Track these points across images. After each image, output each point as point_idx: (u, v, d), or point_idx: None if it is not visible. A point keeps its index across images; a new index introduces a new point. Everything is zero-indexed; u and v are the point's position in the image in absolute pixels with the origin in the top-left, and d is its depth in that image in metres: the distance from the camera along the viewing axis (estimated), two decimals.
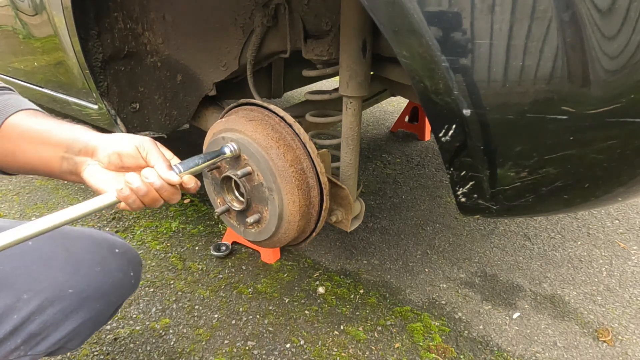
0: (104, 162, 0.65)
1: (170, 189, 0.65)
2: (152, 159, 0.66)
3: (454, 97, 0.59)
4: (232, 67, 1.26)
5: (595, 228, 1.71)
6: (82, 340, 0.77)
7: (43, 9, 1.14)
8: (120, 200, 0.63)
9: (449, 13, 0.55)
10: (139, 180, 0.62)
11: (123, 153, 0.65)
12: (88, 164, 0.66)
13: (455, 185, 0.71)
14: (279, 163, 0.92)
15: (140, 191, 0.62)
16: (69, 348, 0.75)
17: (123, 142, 0.66)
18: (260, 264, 1.51)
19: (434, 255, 1.57)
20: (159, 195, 0.64)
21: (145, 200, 0.64)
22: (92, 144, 0.65)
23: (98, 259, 0.76)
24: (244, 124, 0.97)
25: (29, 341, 0.68)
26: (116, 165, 0.65)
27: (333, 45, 1.02)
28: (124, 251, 0.81)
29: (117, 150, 0.65)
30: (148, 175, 0.63)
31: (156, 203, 0.65)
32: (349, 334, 1.24)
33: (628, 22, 0.50)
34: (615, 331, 1.25)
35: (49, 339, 0.70)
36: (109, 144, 0.65)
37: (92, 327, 0.78)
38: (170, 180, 0.64)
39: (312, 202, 0.97)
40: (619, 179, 0.65)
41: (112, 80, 1.21)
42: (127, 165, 0.66)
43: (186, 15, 1.21)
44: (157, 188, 0.63)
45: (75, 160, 0.66)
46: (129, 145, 0.65)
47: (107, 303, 0.78)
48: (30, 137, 0.66)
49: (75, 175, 0.67)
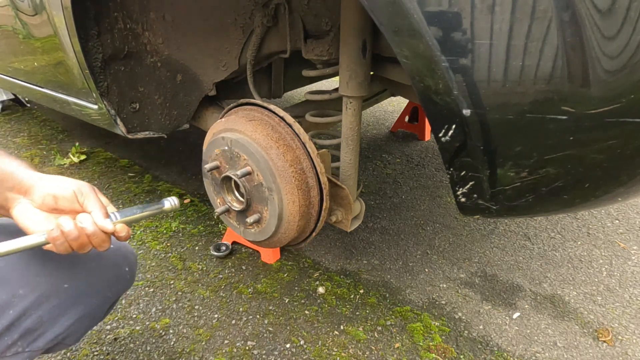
0: (37, 202, 0.64)
1: (102, 236, 0.64)
2: (89, 205, 0.65)
3: (454, 97, 0.59)
4: (232, 67, 1.26)
5: (595, 228, 1.71)
6: (80, 336, 0.77)
7: (43, 9, 1.14)
8: (49, 242, 0.61)
9: (449, 13, 0.55)
10: (72, 225, 0.61)
11: (59, 196, 0.64)
12: (19, 202, 0.64)
13: (455, 185, 0.71)
14: (279, 163, 0.92)
15: (71, 235, 0.61)
16: (67, 344, 0.75)
17: (61, 184, 0.65)
18: (260, 264, 1.51)
19: (434, 255, 1.57)
20: (88, 240, 0.63)
21: (73, 245, 0.63)
22: (27, 181, 0.64)
23: (93, 254, 0.76)
24: (243, 124, 0.97)
25: (26, 337, 0.69)
26: (49, 206, 0.64)
27: (333, 45, 1.02)
28: (118, 246, 0.82)
29: (53, 192, 0.64)
30: (82, 220, 0.62)
31: (84, 248, 0.64)
32: (349, 334, 1.24)
33: (628, 22, 0.50)
34: (615, 331, 1.25)
35: (46, 334, 0.71)
36: (45, 185, 0.64)
37: (89, 323, 0.78)
38: (105, 228, 0.63)
39: (312, 202, 0.97)
40: (619, 179, 0.65)
41: (112, 80, 1.21)
42: (62, 208, 0.65)
43: (186, 15, 1.21)
44: (89, 234, 0.63)
45: (6, 195, 0.64)
46: (67, 189, 0.65)
47: (103, 298, 0.78)
48: None
49: (4, 210, 0.65)
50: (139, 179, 2.11)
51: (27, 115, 3.02)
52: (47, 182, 0.65)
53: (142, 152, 2.42)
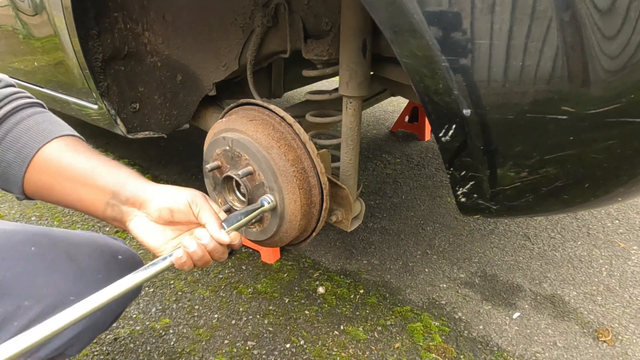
0: (153, 216, 0.64)
1: (221, 249, 0.65)
2: (204, 217, 0.65)
3: (454, 97, 0.59)
4: (232, 67, 1.26)
5: (595, 228, 1.71)
6: (82, 347, 0.76)
7: (43, 9, 1.14)
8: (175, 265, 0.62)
9: (449, 13, 0.55)
10: (195, 245, 0.62)
11: (175, 209, 0.64)
12: (135, 214, 0.64)
13: (455, 185, 0.71)
14: (280, 163, 0.92)
15: (195, 255, 0.62)
16: (68, 355, 0.75)
17: (175, 197, 0.65)
18: (260, 264, 1.51)
19: (434, 255, 1.57)
20: (210, 257, 0.64)
21: (198, 264, 0.64)
22: (141, 195, 0.64)
23: (100, 265, 0.75)
24: (244, 124, 0.97)
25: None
26: (166, 220, 0.64)
27: (333, 45, 1.02)
28: (126, 257, 0.80)
29: (169, 206, 0.64)
30: (202, 237, 0.63)
31: (207, 264, 0.65)
32: (349, 334, 1.24)
33: (628, 22, 0.50)
34: (615, 331, 1.25)
35: (49, 346, 0.70)
36: (160, 198, 0.64)
37: (93, 334, 0.77)
38: (222, 241, 0.64)
39: (314, 201, 0.97)
40: (619, 179, 0.65)
41: (112, 80, 1.21)
42: (177, 220, 0.65)
43: (186, 15, 1.21)
44: (210, 250, 0.63)
45: (121, 209, 0.64)
46: (182, 202, 0.65)
47: (108, 310, 0.77)
48: (72, 175, 0.63)
49: (120, 223, 0.65)
50: None
51: None
52: (162, 194, 0.65)
53: (142, 152, 2.41)
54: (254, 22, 1.13)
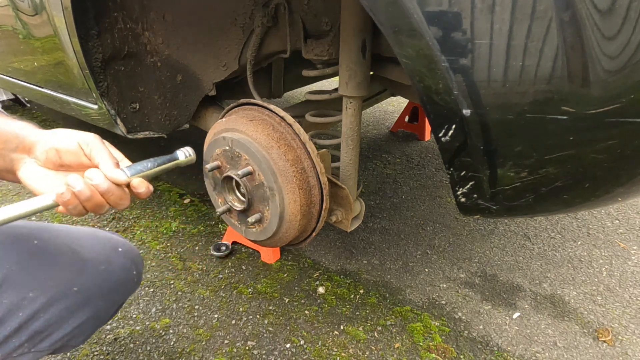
0: (40, 159, 0.59)
1: (118, 192, 0.57)
2: (97, 157, 0.58)
3: (454, 97, 0.59)
4: (232, 67, 1.26)
5: (595, 228, 1.71)
6: (85, 337, 0.78)
7: (43, 9, 1.14)
8: (59, 204, 0.56)
9: (449, 13, 0.55)
10: (82, 183, 0.55)
11: (62, 149, 0.58)
12: (25, 162, 0.59)
13: (455, 185, 0.71)
14: (280, 163, 0.92)
15: (82, 195, 0.55)
16: (71, 345, 0.76)
17: (64, 137, 0.59)
18: (260, 264, 1.51)
19: (434, 255, 1.57)
20: (104, 199, 0.57)
21: (88, 206, 0.57)
22: (30, 139, 0.59)
23: (102, 257, 0.77)
24: (244, 124, 0.97)
25: (34, 338, 0.69)
26: (54, 162, 0.58)
27: (333, 45, 1.02)
28: (126, 250, 0.82)
29: (55, 145, 0.58)
30: (92, 177, 0.56)
31: (100, 209, 0.58)
32: (349, 334, 1.24)
33: (628, 22, 0.50)
34: (615, 331, 1.25)
35: (53, 336, 0.71)
36: (47, 140, 0.58)
37: (95, 325, 0.78)
38: (118, 180, 0.57)
39: (313, 201, 0.97)
40: (619, 179, 0.65)
41: (112, 80, 1.21)
42: (67, 163, 0.59)
43: (186, 15, 1.21)
44: (103, 191, 0.56)
45: (11, 157, 0.59)
46: (71, 141, 0.58)
47: (110, 301, 0.79)
48: None
49: (11, 173, 0.60)
50: None
51: (27, 115, 3.02)
52: (50, 136, 0.59)
53: (142, 152, 2.42)
54: (254, 22, 1.13)
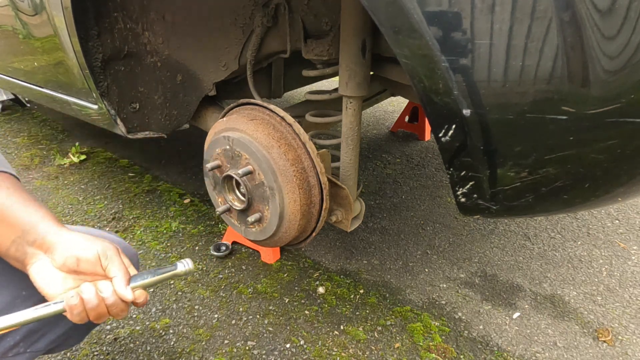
0: (57, 262, 0.60)
1: (121, 305, 0.61)
2: (113, 271, 0.61)
3: (454, 97, 0.59)
4: (232, 67, 1.26)
5: (595, 228, 1.71)
6: (81, 337, 0.77)
7: (43, 9, 1.14)
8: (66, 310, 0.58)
9: (449, 13, 0.55)
10: (93, 293, 0.59)
11: (82, 258, 0.60)
12: (39, 258, 0.60)
13: (455, 185, 0.71)
14: (280, 162, 0.92)
15: (90, 304, 0.58)
16: (68, 345, 0.75)
17: (86, 246, 0.61)
18: (260, 264, 1.51)
19: (434, 255, 1.57)
20: (106, 310, 0.60)
21: (91, 314, 0.59)
22: (50, 238, 0.60)
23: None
24: (245, 124, 0.97)
25: (28, 338, 0.69)
26: (70, 268, 0.60)
27: (333, 45, 1.02)
28: (121, 248, 0.81)
29: (76, 254, 0.60)
30: (103, 290, 0.60)
31: (100, 319, 0.61)
32: (349, 334, 1.24)
33: (628, 22, 0.50)
34: (615, 331, 1.25)
35: (48, 335, 0.71)
36: (69, 246, 0.60)
37: (91, 324, 0.78)
38: (125, 298, 0.61)
39: (313, 201, 0.97)
40: (619, 179, 0.65)
41: (112, 80, 1.21)
42: (82, 270, 0.61)
43: (186, 15, 1.21)
44: (109, 304, 0.60)
45: (25, 250, 0.60)
46: (91, 252, 0.61)
47: None
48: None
49: (21, 265, 0.61)
50: (139, 179, 2.11)
51: (27, 115, 3.02)
52: (71, 242, 0.61)
53: (142, 152, 2.41)
54: (254, 22, 1.13)
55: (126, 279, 0.62)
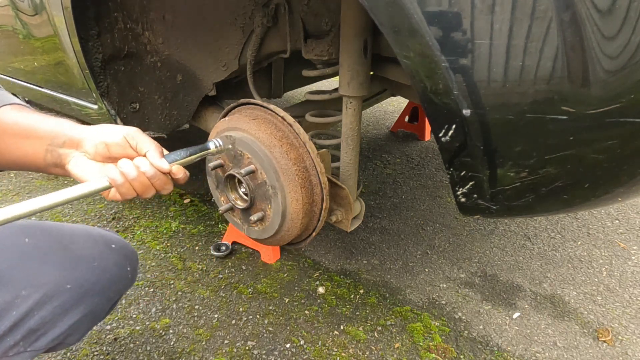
0: (90, 153, 0.64)
1: (163, 178, 0.64)
2: (144, 147, 0.65)
3: (454, 97, 0.59)
4: (232, 67, 1.26)
5: (595, 228, 1.71)
6: (81, 335, 0.77)
7: (43, 9, 1.14)
8: (111, 186, 0.62)
9: (449, 13, 0.55)
10: (132, 167, 0.62)
11: (110, 142, 0.64)
12: (73, 155, 0.64)
13: (455, 185, 0.71)
14: (282, 161, 0.92)
15: (131, 176, 0.61)
16: (68, 343, 0.75)
17: (110, 131, 0.65)
18: (260, 264, 1.51)
19: (434, 255, 1.57)
20: (150, 183, 0.63)
21: (137, 188, 0.63)
22: (77, 135, 0.64)
23: (95, 254, 0.77)
24: (247, 123, 0.97)
25: (29, 337, 0.69)
26: (103, 155, 0.64)
27: (333, 45, 1.02)
28: (120, 246, 0.82)
29: (104, 139, 0.63)
30: (140, 164, 0.62)
31: (148, 192, 0.64)
32: (349, 334, 1.24)
33: (628, 22, 0.50)
34: (615, 331, 1.25)
35: (48, 334, 0.71)
36: (95, 134, 0.64)
37: (91, 322, 0.78)
38: (162, 168, 0.64)
39: (315, 200, 0.98)
40: (619, 179, 0.65)
41: (112, 80, 1.21)
42: (115, 155, 0.64)
43: (186, 15, 1.21)
44: (150, 176, 0.63)
45: (59, 152, 0.64)
46: (117, 135, 0.64)
47: (105, 297, 0.78)
48: (14, 131, 0.65)
49: (60, 167, 0.65)
50: None
51: None
52: (97, 131, 0.65)
53: None
54: (254, 22, 1.13)
55: (159, 151, 0.65)
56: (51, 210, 0.66)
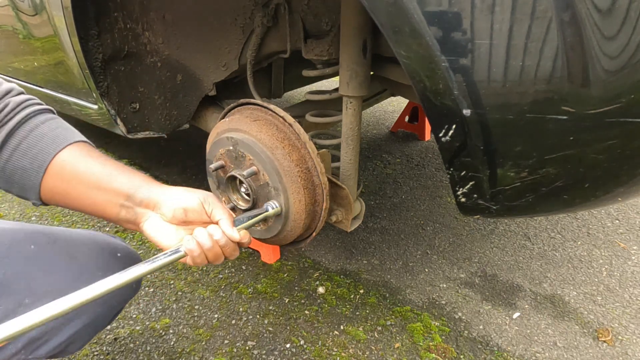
0: (167, 216, 0.66)
1: (232, 246, 0.68)
2: (217, 215, 0.68)
3: (454, 97, 0.59)
4: (232, 67, 1.26)
5: (595, 228, 1.71)
6: (82, 344, 0.77)
7: (43, 9, 1.14)
8: (187, 255, 0.64)
9: (449, 13, 0.55)
10: (207, 237, 0.65)
11: (189, 208, 0.66)
12: (149, 216, 0.66)
13: (455, 185, 0.71)
14: (285, 163, 0.92)
15: (205, 246, 0.64)
16: (69, 352, 0.75)
17: (188, 197, 0.67)
18: (260, 264, 1.51)
19: (434, 255, 1.57)
20: (221, 251, 0.67)
21: (209, 256, 0.65)
22: (155, 197, 0.66)
23: (100, 263, 0.76)
24: (248, 124, 0.97)
25: (30, 345, 0.68)
26: (179, 220, 0.66)
27: (333, 45, 1.02)
28: (125, 255, 0.81)
29: (183, 205, 0.66)
30: (214, 233, 0.66)
31: (218, 259, 0.67)
32: (349, 334, 1.24)
33: (628, 22, 0.50)
34: (615, 331, 1.25)
35: (50, 343, 0.70)
36: (174, 199, 0.66)
37: (93, 331, 0.78)
38: (233, 237, 0.67)
39: (317, 200, 0.98)
40: (619, 179, 0.65)
41: (112, 80, 1.21)
42: (190, 220, 0.67)
43: (186, 15, 1.21)
44: (222, 245, 0.66)
45: (135, 211, 0.66)
46: (195, 201, 0.67)
47: (108, 307, 0.78)
48: (87, 180, 0.65)
49: (134, 224, 0.67)
50: None
51: None
52: (175, 195, 0.67)
53: (142, 152, 2.41)
54: (254, 22, 1.13)
55: (231, 220, 0.69)
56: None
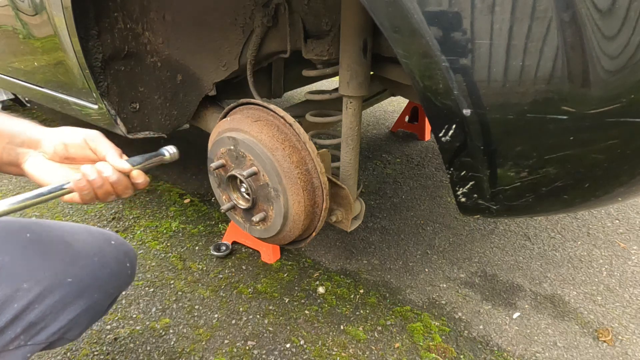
0: (48, 153, 0.64)
1: (124, 182, 0.64)
2: (103, 150, 0.65)
3: (454, 97, 0.59)
4: (232, 67, 1.26)
5: (595, 228, 1.71)
6: (81, 330, 0.78)
7: (43, 9, 1.14)
8: (74, 190, 0.61)
9: (449, 13, 0.55)
10: (95, 172, 0.62)
11: (70, 143, 0.64)
12: (30, 155, 0.64)
13: (455, 185, 0.71)
14: (285, 164, 0.92)
15: (95, 183, 0.61)
16: (68, 338, 0.76)
17: (70, 133, 0.65)
18: (260, 264, 1.51)
19: (434, 255, 1.57)
20: (112, 189, 0.64)
21: (99, 193, 0.63)
22: (36, 135, 0.64)
23: (95, 249, 0.78)
24: (249, 125, 0.97)
25: (29, 330, 0.69)
26: (61, 155, 0.64)
27: (333, 45, 1.02)
28: (119, 243, 0.83)
29: (63, 140, 0.64)
30: (103, 169, 0.62)
31: (108, 197, 0.64)
32: (349, 334, 1.24)
33: (628, 22, 0.50)
34: (615, 331, 1.25)
35: (49, 328, 0.71)
36: (55, 135, 0.64)
37: (91, 318, 0.79)
38: (124, 169, 0.64)
39: (317, 201, 0.98)
40: (619, 179, 0.65)
41: (112, 80, 1.21)
42: (73, 156, 0.64)
43: (186, 15, 1.21)
44: (113, 182, 0.63)
45: (17, 152, 0.64)
46: (77, 136, 0.65)
47: (104, 293, 0.79)
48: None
49: (16, 166, 0.65)
50: None
51: (27, 115, 3.01)
52: (57, 132, 0.65)
53: (142, 152, 2.41)
54: (254, 22, 1.13)
55: (118, 153, 0.65)
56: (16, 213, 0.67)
